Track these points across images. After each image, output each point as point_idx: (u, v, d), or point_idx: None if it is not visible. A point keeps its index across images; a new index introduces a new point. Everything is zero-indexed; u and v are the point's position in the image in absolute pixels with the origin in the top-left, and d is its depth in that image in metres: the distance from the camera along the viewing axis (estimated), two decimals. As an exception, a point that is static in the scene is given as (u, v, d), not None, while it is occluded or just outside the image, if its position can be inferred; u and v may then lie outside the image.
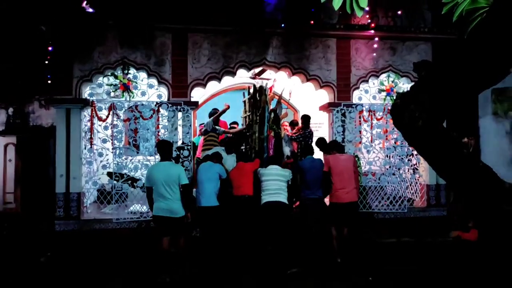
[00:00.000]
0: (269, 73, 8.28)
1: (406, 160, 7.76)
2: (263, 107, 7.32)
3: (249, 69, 7.69)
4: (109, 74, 6.99)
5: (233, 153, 6.78)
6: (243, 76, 8.31)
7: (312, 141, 7.35)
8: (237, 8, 7.18)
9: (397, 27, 7.89)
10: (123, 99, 7.01)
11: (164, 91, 7.25)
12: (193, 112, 7.69)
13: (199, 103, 8.33)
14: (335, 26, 7.58)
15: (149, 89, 7.09)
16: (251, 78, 8.56)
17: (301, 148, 7.52)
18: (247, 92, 7.96)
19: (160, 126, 7.23)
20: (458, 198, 7.10)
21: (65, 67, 6.89)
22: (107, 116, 7.05)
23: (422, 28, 7.89)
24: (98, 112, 7.03)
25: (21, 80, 7.90)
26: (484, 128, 8.21)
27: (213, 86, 8.45)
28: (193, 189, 5.91)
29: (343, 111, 7.64)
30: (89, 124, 7.08)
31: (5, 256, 6.11)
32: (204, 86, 7.41)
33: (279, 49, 7.57)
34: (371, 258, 5.94)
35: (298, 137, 7.77)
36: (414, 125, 2.00)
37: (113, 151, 7.05)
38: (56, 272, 5.57)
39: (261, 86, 7.54)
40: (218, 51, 7.38)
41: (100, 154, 6.93)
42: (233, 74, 7.51)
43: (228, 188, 5.98)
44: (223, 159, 6.30)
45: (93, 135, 7.06)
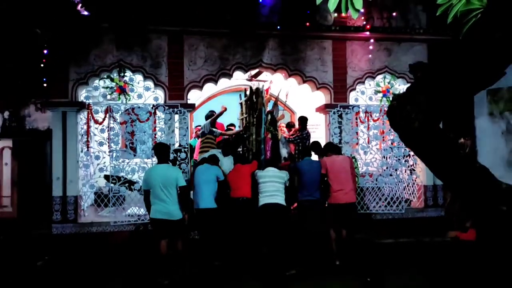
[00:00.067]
0: (266, 75, 8.28)
1: (403, 161, 7.78)
2: (260, 109, 7.31)
3: (245, 71, 7.70)
4: (105, 76, 6.98)
5: (229, 155, 6.78)
6: (239, 78, 8.32)
7: (310, 143, 7.36)
8: (232, 11, 7.19)
9: (393, 28, 7.93)
10: (120, 101, 6.99)
11: (160, 93, 7.25)
12: (189, 114, 7.68)
13: (196, 105, 8.32)
14: (331, 28, 7.61)
15: (145, 92, 7.09)
16: (248, 80, 8.55)
17: (299, 150, 7.52)
18: (244, 94, 7.95)
19: (157, 129, 7.22)
20: (455, 199, 7.12)
21: (61, 70, 6.88)
22: (104, 119, 7.04)
23: (417, 29, 7.93)
24: (94, 115, 7.01)
25: (17, 84, 7.87)
26: (480, 129, 8.23)
27: (210, 88, 8.45)
28: (191, 191, 5.90)
29: (339, 112, 7.66)
30: (85, 127, 7.06)
31: (2, 260, 6.07)
32: (200, 88, 7.42)
33: (275, 51, 7.59)
34: (369, 259, 5.95)
35: (296, 138, 7.78)
36: (410, 126, 2.00)
37: (110, 154, 7.03)
38: (53, 276, 5.54)
39: (258, 88, 7.54)
40: (214, 53, 7.38)
41: (97, 157, 6.92)
42: (229, 76, 7.52)
43: (226, 190, 5.99)
44: (220, 161, 6.31)
45: (89, 138, 7.05)
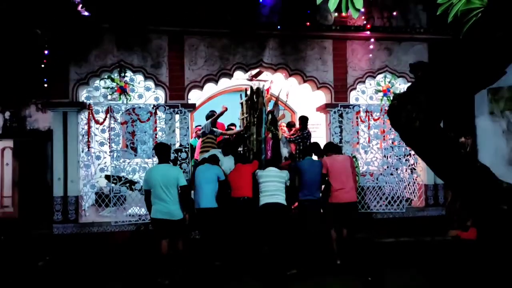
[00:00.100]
0: (266, 74, 8.28)
1: (404, 160, 7.78)
2: (261, 108, 7.31)
3: (246, 71, 7.70)
4: (106, 77, 6.98)
5: (230, 155, 6.78)
6: (240, 78, 8.32)
7: (310, 142, 7.36)
8: (233, 11, 7.19)
9: (393, 28, 7.92)
10: (120, 102, 6.99)
11: (161, 93, 7.25)
12: (190, 114, 7.68)
13: (196, 105, 8.33)
14: (331, 28, 7.60)
15: (146, 92, 7.09)
16: (248, 80, 8.56)
17: (299, 150, 7.52)
18: (244, 94, 7.95)
19: (157, 129, 7.23)
20: (455, 198, 7.12)
21: (61, 70, 6.88)
22: (104, 119, 7.05)
23: (417, 28, 7.92)
24: (95, 115, 7.02)
25: (18, 84, 7.88)
26: (480, 128, 8.24)
27: (210, 88, 8.45)
28: (191, 191, 5.91)
29: (340, 112, 7.66)
30: (86, 127, 7.06)
31: (3, 261, 6.08)
32: (201, 88, 7.42)
33: (275, 50, 7.59)
34: (370, 258, 5.95)
35: (296, 138, 7.78)
36: (411, 125, 2.01)
37: (111, 154, 7.04)
38: (54, 276, 5.55)
39: (258, 88, 7.54)
40: (215, 53, 7.38)
41: (98, 157, 6.92)
42: (230, 76, 7.52)
43: (227, 190, 5.99)
44: (220, 161, 6.31)
45: (90, 138, 7.05)
